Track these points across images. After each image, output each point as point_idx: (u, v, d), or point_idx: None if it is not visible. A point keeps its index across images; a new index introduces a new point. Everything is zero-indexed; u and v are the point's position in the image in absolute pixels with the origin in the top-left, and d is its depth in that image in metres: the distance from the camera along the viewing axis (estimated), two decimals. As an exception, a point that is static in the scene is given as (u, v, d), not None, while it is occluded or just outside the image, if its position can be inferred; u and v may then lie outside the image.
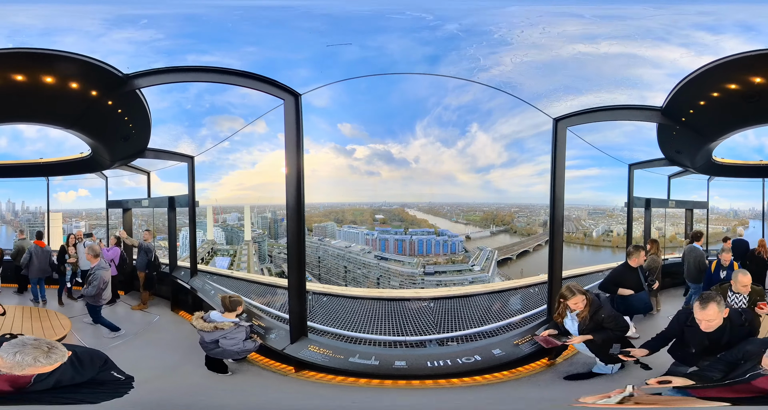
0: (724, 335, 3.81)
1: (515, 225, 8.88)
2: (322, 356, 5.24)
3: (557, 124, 6.02)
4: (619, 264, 5.84)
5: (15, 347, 3.16)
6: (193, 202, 6.97)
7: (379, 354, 5.37)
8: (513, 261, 8.73)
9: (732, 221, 8.05)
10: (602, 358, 4.73)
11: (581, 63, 6.31)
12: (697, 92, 6.01)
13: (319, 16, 5.80)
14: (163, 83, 5.69)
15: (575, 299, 4.56)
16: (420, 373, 5.04)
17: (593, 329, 4.60)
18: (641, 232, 7.65)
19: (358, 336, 6.16)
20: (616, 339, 4.63)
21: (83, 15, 5.73)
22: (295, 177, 5.28)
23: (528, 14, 6.10)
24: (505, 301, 7.17)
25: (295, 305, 5.56)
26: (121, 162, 7.18)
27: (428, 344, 6.13)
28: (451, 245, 8.80)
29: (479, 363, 5.17)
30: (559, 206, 6.03)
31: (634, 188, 7.28)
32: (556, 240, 6.06)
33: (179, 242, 7.72)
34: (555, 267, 6.05)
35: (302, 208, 5.35)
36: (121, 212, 8.02)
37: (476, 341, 6.04)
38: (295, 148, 5.27)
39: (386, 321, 6.61)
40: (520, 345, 5.45)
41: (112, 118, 6.11)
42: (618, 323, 4.65)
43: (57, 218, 7.86)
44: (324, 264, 8.82)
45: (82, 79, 5.39)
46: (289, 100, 5.35)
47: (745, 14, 5.61)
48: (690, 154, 7.24)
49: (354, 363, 5.17)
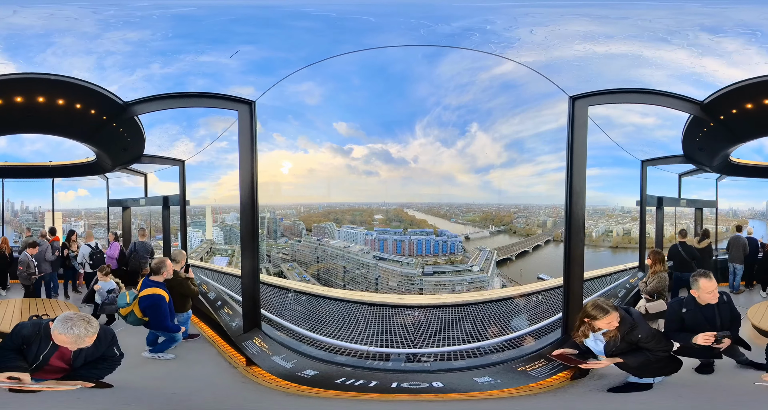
0: (718, 311, 4.19)
1: (514, 226, 8.84)
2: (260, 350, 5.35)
3: (574, 103, 5.33)
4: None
5: (67, 322, 3.33)
6: (183, 202, 7.43)
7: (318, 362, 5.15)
8: (512, 262, 8.69)
9: (732, 220, 7.99)
10: (639, 376, 4.12)
11: (584, 63, 6.25)
12: (746, 96, 5.89)
13: (316, 15, 5.78)
14: (150, 111, 6.54)
15: (608, 319, 3.82)
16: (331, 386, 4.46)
17: (625, 350, 3.93)
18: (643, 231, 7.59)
19: (312, 337, 6.18)
20: (656, 361, 3.98)
21: (80, 16, 5.75)
22: (249, 182, 5.91)
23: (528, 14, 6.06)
24: (505, 316, 6.79)
25: (248, 295, 5.99)
26: (121, 167, 7.88)
27: (393, 357, 5.59)
28: (451, 245, 8.77)
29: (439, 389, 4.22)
30: (577, 202, 5.29)
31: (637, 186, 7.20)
32: (574, 242, 5.27)
33: (177, 242, 7.77)
34: (573, 274, 5.24)
35: (256, 208, 6.04)
36: (121, 211, 8.33)
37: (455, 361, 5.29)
38: (249, 154, 5.86)
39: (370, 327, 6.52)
40: (529, 372, 4.49)
41: (115, 135, 7.00)
42: (660, 342, 3.99)
43: (57, 217, 8.02)
44: (322, 264, 8.82)
45: (95, 106, 6.43)
46: (243, 110, 5.86)
47: (748, 15, 5.54)
48: (711, 153, 7.10)
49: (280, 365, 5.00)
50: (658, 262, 5.63)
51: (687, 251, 6.89)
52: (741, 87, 5.83)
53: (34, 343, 3.48)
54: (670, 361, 4.10)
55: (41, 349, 3.49)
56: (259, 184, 5.97)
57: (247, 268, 5.99)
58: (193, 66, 5.99)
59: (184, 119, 7.08)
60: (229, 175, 7.68)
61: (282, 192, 8.26)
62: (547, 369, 4.47)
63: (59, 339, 3.37)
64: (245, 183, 5.90)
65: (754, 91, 5.85)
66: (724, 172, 7.53)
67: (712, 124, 6.40)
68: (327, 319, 6.89)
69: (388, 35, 6.10)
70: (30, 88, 5.97)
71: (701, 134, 6.69)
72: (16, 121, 6.43)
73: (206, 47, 5.85)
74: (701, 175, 7.64)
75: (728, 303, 4.29)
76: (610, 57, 6.07)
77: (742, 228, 7.58)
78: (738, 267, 7.32)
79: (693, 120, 6.52)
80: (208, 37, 5.85)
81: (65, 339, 3.33)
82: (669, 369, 4.12)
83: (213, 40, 5.83)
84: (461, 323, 6.53)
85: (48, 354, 3.52)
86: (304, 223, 9.08)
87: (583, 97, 5.42)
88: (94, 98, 6.17)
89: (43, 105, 6.17)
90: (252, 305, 5.97)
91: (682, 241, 7.02)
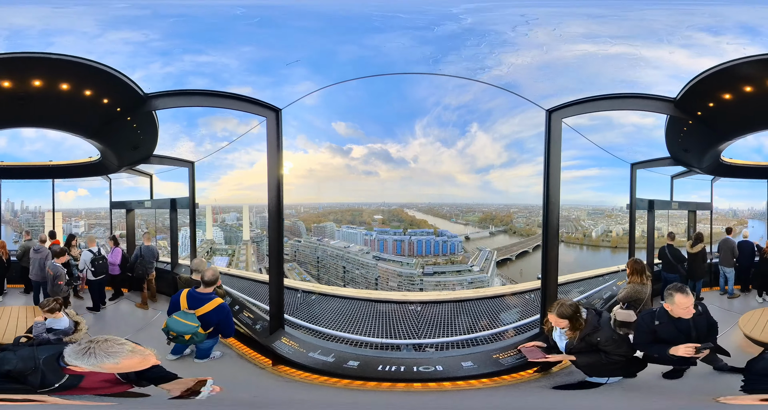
0: (693, 324, 4.10)
1: (514, 226, 8.84)
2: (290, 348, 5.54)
3: (550, 116, 5.60)
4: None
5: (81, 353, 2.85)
6: (193, 205, 7.30)
7: (339, 352, 5.45)
8: (512, 262, 8.70)
9: (731, 221, 7.97)
10: (589, 374, 4.34)
11: (583, 63, 6.25)
12: (719, 85, 5.63)
13: (316, 15, 5.78)
14: (173, 107, 6.38)
15: (555, 319, 4.17)
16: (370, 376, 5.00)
17: (582, 350, 4.15)
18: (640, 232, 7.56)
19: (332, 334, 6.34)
20: (610, 363, 4.15)
21: (81, 16, 5.75)
22: (276, 185, 5.95)
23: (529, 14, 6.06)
24: (497, 310, 7.01)
25: (274, 298, 6.13)
26: (127, 167, 7.55)
27: (404, 348, 6.11)
28: (451, 245, 8.77)
29: (439, 373, 4.96)
30: (553, 210, 5.72)
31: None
32: (550, 245, 5.75)
33: (179, 242, 7.76)
34: (549, 274, 5.75)
35: (281, 213, 6.10)
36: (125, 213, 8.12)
37: (451, 350, 5.90)
38: (276, 160, 5.90)
39: (377, 322, 6.63)
40: (500, 360, 5.08)
41: (128, 131, 6.66)
42: (619, 347, 4.15)
43: (57, 217, 7.94)
44: (322, 264, 8.82)
45: (110, 95, 5.92)
46: (271, 117, 5.89)
47: (747, 16, 5.54)
48: (698, 153, 6.96)
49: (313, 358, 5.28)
50: (635, 272, 5.37)
51: (673, 254, 7.02)
52: (709, 76, 5.55)
53: (33, 375, 2.91)
54: (624, 364, 4.21)
55: (49, 380, 2.94)
56: (258, 184, 6.09)
57: (274, 270, 6.18)
58: (193, 66, 5.98)
59: (185, 118, 7.04)
60: (229, 175, 7.69)
61: (282, 192, 8.27)
62: (514, 358, 5.03)
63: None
64: (272, 188, 5.98)
65: (724, 80, 5.56)
66: (716, 173, 7.32)
67: (690, 122, 6.18)
68: (340, 316, 6.99)
69: (388, 35, 6.11)
70: (24, 70, 5.23)
71: (682, 134, 6.53)
72: (4, 111, 5.80)
73: (206, 47, 5.85)
74: (695, 176, 7.48)
75: (704, 314, 4.17)
76: (610, 57, 6.08)
77: (731, 231, 7.43)
78: (728, 271, 7.18)
79: (671, 120, 6.34)
80: (208, 37, 5.85)
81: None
82: (622, 372, 4.25)
83: (213, 40, 5.83)
84: (462, 316, 6.91)
85: (71, 383, 2.97)
86: (304, 223, 9.08)
87: (558, 109, 5.66)
88: (109, 85, 5.70)
89: (40, 91, 5.48)
90: (277, 307, 6.15)
91: (669, 244, 7.12)
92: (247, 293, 7.16)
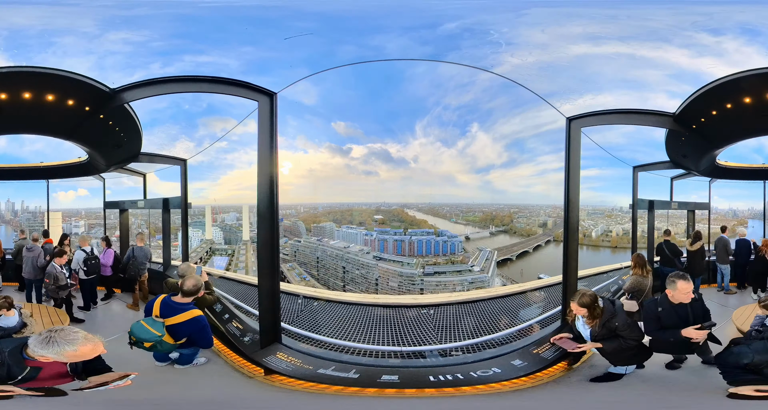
0: (691, 309, 4.44)
1: (515, 226, 8.84)
2: (288, 364, 4.90)
3: (570, 124, 5.81)
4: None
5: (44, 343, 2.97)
6: (185, 204, 7.07)
7: (361, 367, 4.90)
8: (512, 262, 8.69)
9: (731, 220, 8.00)
10: (613, 362, 4.63)
11: (584, 63, 6.26)
12: (711, 102, 6.10)
13: (315, 15, 5.78)
14: (144, 97, 5.91)
15: (576, 308, 4.43)
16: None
17: (605, 336, 4.45)
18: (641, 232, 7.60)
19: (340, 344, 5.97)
20: (628, 348, 4.47)
21: (80, 16, 5.75)
22: (268, 180, 5.26)
23: (529, 14, 6.06)
24: (512, 309, 7.03)
25: (267, 307, 5.34)
26: (116, 166, 7.48)
27: (428, 354, 5.83)
28: (451, 245, 8.77)
29: (498, 375, 4.70)
30: (573, 209, 5.82)
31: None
32: (570, 243, 5.84)
33: (178, 242, 7.73)
34: (570, 269, 5.84)
35: (276, 210, 5.35)
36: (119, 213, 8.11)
37: (481, 351, 5.77)
38: (269, 150, 5.25)
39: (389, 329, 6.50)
40: (541, 354, 5.04)
41: (104, 129, 6.42)
42: (633, 331, 4.47)
43: (56, 217, 7.95)
44: (322, 265, 8.81)
45: (75, 96, 5.82)
46: (264, 101, 5.31)
47: (747, 16, 5.54)
48: (695, 158, 7.32)
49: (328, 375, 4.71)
50: (637, 265, 5.98)
51: (670, 248, 7.27)
52: (701, 95, 6.01)
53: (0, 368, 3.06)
54: (639, 351, 4.56)
55: (14, 373, 3.09)
56: (260, 185, 5.38)
57: (265, 278, 5.28)
58: (193, 66, 5.97)
59: (183, 118, 7.03)
60: (229, 175, 7.68)
61: (282, 192, 8.26)
62: (551, 351, 5.03)
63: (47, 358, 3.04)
64: (263, 184, 5.22)
65: (714, 98, 6.02)
66: (713, 175, 7.66)
67: (688, 133, 6.64)
68: (343, 323, 6.75)
69: (388, 35, 6.11)
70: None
71: (680, 143, 6.93)
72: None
73: (206, 47, 5.84)
74: (694, 177, 7.74)
75: (699, 301, 4.55)
76: (610, 57, 6.08)
77: (726, 229, 7.70)
78: (723, 268, 7.41)
79: (669, 132, 6.78)
80: (208, 37, 5.84)
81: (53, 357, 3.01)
82: (638, 359, 4.62)
83: (213, 40, 5.82)
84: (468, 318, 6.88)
85: (31, 375, 3.13)
86: (303, 223, 9.08)
87: (578, 118, 5.89)
88: (68, 87, 5.57)
89: (6, 101, 5.61)
90: (272, 317, 5.35)
91: (666, 239, 7.36)
92: (241, 299, 6.79)
